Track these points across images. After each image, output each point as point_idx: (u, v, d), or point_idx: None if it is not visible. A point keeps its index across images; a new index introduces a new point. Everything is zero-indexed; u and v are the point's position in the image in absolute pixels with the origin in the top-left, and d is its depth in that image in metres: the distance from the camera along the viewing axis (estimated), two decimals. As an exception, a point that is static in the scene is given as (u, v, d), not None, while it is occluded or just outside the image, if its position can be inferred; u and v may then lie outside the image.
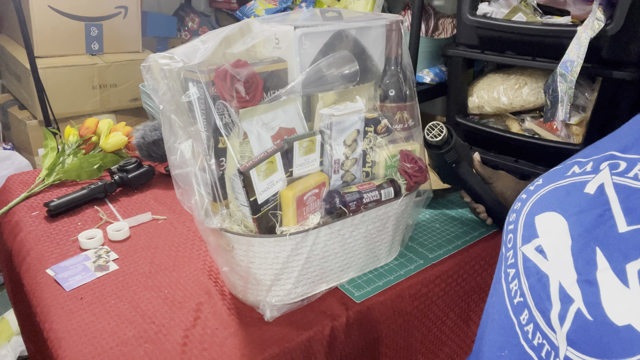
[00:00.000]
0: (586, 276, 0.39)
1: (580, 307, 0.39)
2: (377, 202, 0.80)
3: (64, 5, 1.95)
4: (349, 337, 0.78)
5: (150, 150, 1.24)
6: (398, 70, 0.85)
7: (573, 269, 0.40)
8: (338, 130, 0.76)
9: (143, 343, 0.73)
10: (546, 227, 0.45)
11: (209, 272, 0.89)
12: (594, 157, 0.46)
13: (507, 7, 1.25)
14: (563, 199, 0.45)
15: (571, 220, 0.43)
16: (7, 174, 1.51)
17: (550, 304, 0.41)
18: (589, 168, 0.46)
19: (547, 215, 0.45)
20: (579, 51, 1.00)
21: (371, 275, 0.87)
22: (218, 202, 0.71)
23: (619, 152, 0.44)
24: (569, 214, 0.44)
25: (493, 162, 1.35)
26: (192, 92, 0.69)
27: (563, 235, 0.43)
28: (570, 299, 0.40)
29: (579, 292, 0.39)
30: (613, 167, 0.43)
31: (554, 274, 0.42)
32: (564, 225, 0.43)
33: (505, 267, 0.48)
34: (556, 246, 0.43)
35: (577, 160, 0.48)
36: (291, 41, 0.75)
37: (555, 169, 0.50)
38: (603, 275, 0.38)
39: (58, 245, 0.98)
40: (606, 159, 0.45)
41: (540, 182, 0.50)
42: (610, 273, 0.37)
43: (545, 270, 0.43)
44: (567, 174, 0.47)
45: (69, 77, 1.95)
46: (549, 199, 0.47)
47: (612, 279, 0.37)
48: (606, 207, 0.41)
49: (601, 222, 0.40)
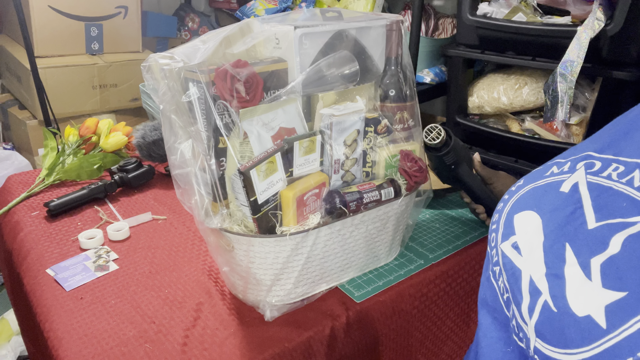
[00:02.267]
0: (554, 270, 0.41)
1: (547, 299, 0.40)
2: (377, 202, 0.80)
3: (64, 5, 1.95)
4: (349, 337, 0.78)
5: (150, 150, 1.24)
6: (398, 70, 0.85)
7: (543, 263, 0.42)
8: (338, 130, 0.76)
9: (143, 343, 0.73)
10: (523, 224, 0.46)
11: (209, 272, 0.89)
12: (572, 157, 0.48)
13: (507, 7, 1.25)
14: (540, 198, 0.47)
15: (545, 218, 0.44)
16: (7, 174, 1.51)
17: (521, 297, 0.43)
18: (566, 168, 0.47)
19: (525, 213, 0.47)
20: (579, 51, 0.99)
21: (371, 275, 0.87)
22: (218, 202, 0.71)
23: (595, 153, 0.46)
24: (543, 211, 0.45)
25: (493, 162, 1.35)
26: (192, 92, 0.69)
27: (537, 232, 0.44)
28: (538, 292, 0.41)
29: (546, 285, 0.41)
30: (588, 167, 0.45)
31: (525, 268, 0.43)
32: (538, 222, 0.45)
33: (492, 265, 0.50)
34: (530, 242, 0.44)
35: (556, 161, 0.50)
36: (291, 41, 0.75)
37: (536, 170, 0.51)
38: (570, 270, 0.39)
39: (58, 245, 0.98)
40: (583, 159, 0.46)
41: (521, 183, 0.51)
42: (577, 268, 0.39)
43: (518, 265, 0.44)
44: (546, 174, 0.49)
45: (69, 77, 1.95)
46: (527, 198, 0.48)
47: (577, 273, 0.39)
48: (578, 205, 0.42)
49: (572, 219, 0.42)
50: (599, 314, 0.36)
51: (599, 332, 0.35)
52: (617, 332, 0.34)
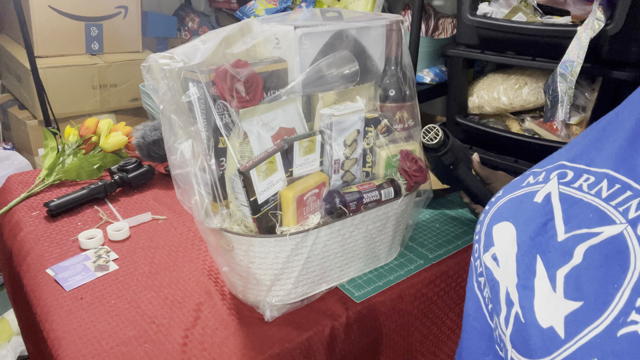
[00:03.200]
0: (524, 282, 0.41)
1: (518, 310, 0.41)
2: (377, 202, 0.80)
3: (64, 5, 1.95)
4: (349, 337, 0.78)
5: (150, 150, 1.24)
6: (398, 70, 0.85)
7: (515, 274, 0.42)
8: (338, 130, 0.76)
9: (143, 343, 0.72)
10: (500, 236, 0.47)
11: (209, 272, 0.89)
12: (548, 167, 0.48)
13: (507, 7, 1.25)
14: (516, 209, 0.47)
15: (519, 229, 0.45)
16: (7, 174, 1.51)
17: (500, 309, 0.43)
18: (541, 178, 0.47)
19: (502, 224, 0.47)
20: (579, 51, 0.99)
21: (371, 275, 0.87)
22: (218, 202, 0.71)
23: (568, 162, 0.46)
24: (518, 222, 0.45)
25: (493, 162, 1.35)
26: (192, 92, 0.69)
27: (511, 243, 0.44)
28: (512, 303, 0.42)
29: (517, 296, 0.41)
30: (561, 177, 0.45)
31: (502, 280, 0.44)
32: (513, 233, 0.45)
33: (476, 276, 0.50)
34: (506, 254, 0.45)
35: (533, 170, 0.50)
36: (291, 41, 0.75)
37: (515, 180, 0.51)
38: (539, 282, 0.40)
39: (58, 245, 0.98)
40: (556, 169, 0.46)
41: (500, 194, 0.51)
42: (545, 280, 0.39)
43: (496, 276, 0.45)
44: (522, 185, 0.49)
45: (69, 77, 1.94)
46: (504, 209, 0.48)
47: (545, 285, 0.39)
48: (549, 217, 0.42)
49: (544, 230, 0.42)
50: (559, 324, 0.37)
51: (558, 342, 0.36)
52: (573, 342, 0.35)
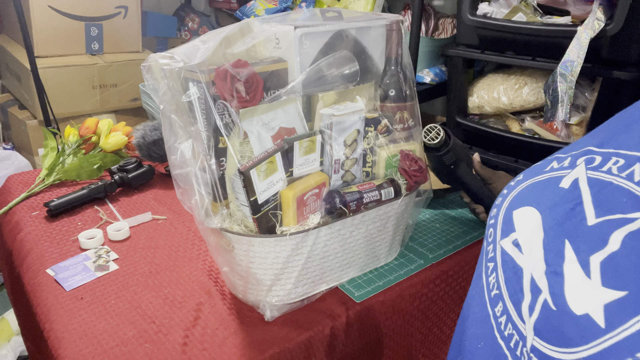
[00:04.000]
0: (554, 268, 0.40)
1: (546, 297, 0.40)
2: (377, 202, 0.80)
3: (64, 5, 1.95)
4: (349, 337, 0.78)
5: (150, 150, 1.24)
6: (398, 70, 0.85)
7: (543, 261, 0.42)
8: (338, 130, 0.76)
9: (143, 343, 0.72)
10: (522, 221, 0.46)
11: (209, 272, 0.89)
12: (573, 152, 0.47)
13: (507, 7, 1.25)
14: (539, 194, 0.46)
15: (544, 214, 0.44)
16: (7, 174, 1.51)
17: (522, 296, 0.42)
18: (566, 163, 0.47)
19: (524, 209, 0.46)
20: (579, 51, 0.99)
21: (371, 275, 0.87)
22: (218, 202, 0.71)
23: (596, 147, 0.45)
24: (543, 208, 0.45)
25: (493, 162, 1.35)
26: (192, 92, 0.69)
27: (536, 229, 0.44)
28: (538, 290, 0.41)
29: (546, 283, 0.40)
30: (589, 162, 0.44)
31: (526, 266, 0.43)
32: (538, 219, 0.44)
33: (486, 261, 0.49)
34: (530, 240, 0.44)
35: (557, 156, 0.49)
36: (291, 41, 0.75)
37: (536, 165, 0.51)
38: (569, 267, 0.39)
39: (58, 245, 0.98)
40: (583, 154, 0.46)
41: (521, 178, 0.51)
42: (576, 265, 0.39)
43: (519, 263, 0.44)
44: (546, 169, 0.48)
45: (69, 77, 1.94)
46: (526, 194, 0.48)
47: (576, 271, 0.38)
48: (578, 201, 0.42)
49: (572, 215, 0.41)
50: (598, 312, 0.35)
51: (597, 331, 0.35)
52: (617, 332, 0.34)
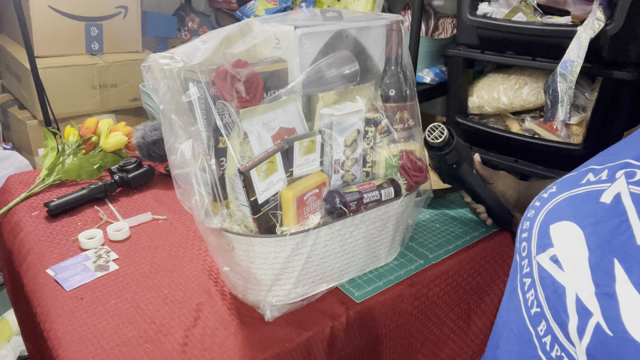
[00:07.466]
0: (605, 289, 0.38)
1: (599, 321, 0.38)
2: (377, 202, 0.80)
3: (64, 5, 1.95)
4: (349, 337, 0.78)
5: (150, 150, 1.24)
6: (398, 70, 0.85)
7: (591, 281, 0.39)
8: (338, 130, 0.76)
9: (143, 343, 0.72)
10: (561, 236, 0.44)
11: (209, 272, 0.89)
12: (609, 164, 0.45)
13: (507, 7, 1.25)
14: (578, 208, 0.44)
15: (587, 231, 0.42)
16: (7, 174, 1.51)
17: (567, 317, 0.40)
18: (604, 176, 0.45)
19: (562, 224, 0.44)
20: (579, 51, 1.00)
21: (371, 275, 0.87)
22: (218, 202, 0.71)
23: (634, 160, 0.43)
24: (584, 224, 0.43)
25: (493, 162, 1.35)
26: (192, 92, 0.69)
27: (579, 246, 0.42)
28: (588, 312, 0.39)
29: (597, 306, 0.38)
30: (629, 176, 0.42)
31: (570, 285, 0.41)
32: (579, 235, 0.42)
33: (521, 276, 0.47)
34: (572, 257, 0.42)
35: (591, 167, 0.47)
36: (291, 41, 0.75)
37: (569, 176, 0.49)
38: (622, 289, 0.37)
39: (58, 245, 0.98)
40: (622, 167, 0.44)
41: (554, 190, 0.48)
42: (629, 286, 0.37)
43: (561, 281, 0.42)
44: (582, 182, 0.46)
45: (69, 77, 1.95)
46: (563, 208, 0.46)
47: (631, 293, 0.36)
48: (623, 218, 0.40)
49: (619, 233, 0.39)
50: None
51: None
52: None
